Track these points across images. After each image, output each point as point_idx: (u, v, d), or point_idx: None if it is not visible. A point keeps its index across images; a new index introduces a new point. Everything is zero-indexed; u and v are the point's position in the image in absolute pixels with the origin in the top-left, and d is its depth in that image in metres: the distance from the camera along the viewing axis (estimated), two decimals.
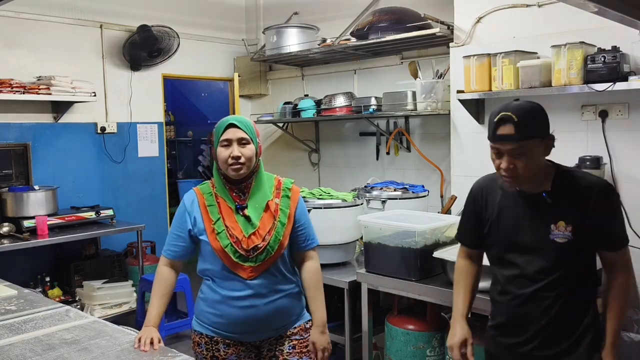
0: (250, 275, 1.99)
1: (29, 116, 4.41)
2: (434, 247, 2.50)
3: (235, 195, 2.04)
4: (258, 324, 2.04)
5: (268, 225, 2.01)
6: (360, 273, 2.71)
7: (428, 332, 2.62)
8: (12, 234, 3.89)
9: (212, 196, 2.06)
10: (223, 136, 1.99)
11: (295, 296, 2.13)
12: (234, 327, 2.04)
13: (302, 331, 2.14)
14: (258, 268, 2.00)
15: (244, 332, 2.05)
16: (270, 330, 2.08)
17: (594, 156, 3.05)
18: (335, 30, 4.65)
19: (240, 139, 1.99)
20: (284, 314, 2.09)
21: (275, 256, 2.02)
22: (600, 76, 2.88)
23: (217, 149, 2.01)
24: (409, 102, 4.12)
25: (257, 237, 1.99)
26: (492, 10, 3.56)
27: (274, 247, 2.01)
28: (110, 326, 2.02)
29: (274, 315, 2.05)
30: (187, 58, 5.34)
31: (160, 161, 5.31)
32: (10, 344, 1.80)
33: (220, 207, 2.03)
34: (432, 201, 4.11)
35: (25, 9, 4.36)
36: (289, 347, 2.10)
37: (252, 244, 1.98)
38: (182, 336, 4.45)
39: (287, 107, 5.02)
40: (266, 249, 1.99)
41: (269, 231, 2.01)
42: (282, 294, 2.06)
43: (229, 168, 1.99)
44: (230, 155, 1.97)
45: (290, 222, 2.07)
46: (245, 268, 1.99)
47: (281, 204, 2.07)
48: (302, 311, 2.18)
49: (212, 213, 2.03)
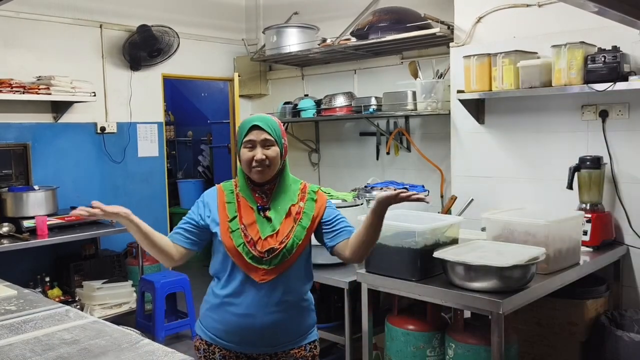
0: (262, 278, 1.90)
1: (28, 116, 4.41)
2: (434, 247, 2.50)
3: (258, 196, 1.98)
4: (254, 334, 1.94)
5: (287, 229, 1.93)
6: (360, 273, 2.71)
7: (428, 332, 2.62)
8: (12, 234, 3.89)
9: (233, 194, 2.00)
10: (247, 137, 1.93)
11: (302, 311, 2.01)
12: (230, 335, 1.96)
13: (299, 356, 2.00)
14: (272, 271, 1.91)
15: (239, 342, 1.96)
16: (266, 346, 1.96)
17: (594, 156, 3.05)
18: (335, 30, 4.65)
19: (264, 141, 1.92)
20: (284, 329, 1.96)
21: (292, 260, 1.93)
22: (601, 76, 2.88)
23: (240, 149, 1.96)
24: (409, 102, 4.12)
25: (274, 240, 1.91)
26: (492, 10, 3.56)
27: (292, 250, 1.92)
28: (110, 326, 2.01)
29: (271, 328, 1.93)
30: (187, 58, 5.34)
31: (160, 161, 5.30)
32: (10, 344, 1.79)
33: (240, 206, 1.97)
34: (432, 201, 4.11)
35: (25, 9, 4.36)
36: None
37: (268, 245, 1.90)
38: (182, 336, 4.45)
39: (287, 107, 5.01)
40: (282, 253, 1.91)
41: (288, 235, 1.92)
42: (285, 306, 1.94)
43: (253, 170, 1.93)
44: (253, 157, 1.91)
45: (314, 225, 1.97)
46: (258, 270, 1.90)
47: (305, 208, 1.99)
48: (308, 331, 2.05)
49: (229, 210, 1.96)
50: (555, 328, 2.95)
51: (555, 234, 2.58)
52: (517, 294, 2.29)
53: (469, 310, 2.42)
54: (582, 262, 2.79)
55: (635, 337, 2.71)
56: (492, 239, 2.75)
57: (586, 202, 3.07)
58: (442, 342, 2.61)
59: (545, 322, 2.99)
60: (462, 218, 2.79)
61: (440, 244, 2.56)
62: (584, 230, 2.94)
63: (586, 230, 2.96)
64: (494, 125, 3.60)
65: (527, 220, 2.65)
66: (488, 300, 2.23)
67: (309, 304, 2.05)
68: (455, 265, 2.34)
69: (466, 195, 3.55)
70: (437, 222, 2.62)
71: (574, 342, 2.91)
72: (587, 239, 2.96)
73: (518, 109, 3.48)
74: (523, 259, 2.29)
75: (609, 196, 3.14)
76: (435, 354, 2.62)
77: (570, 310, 2.91)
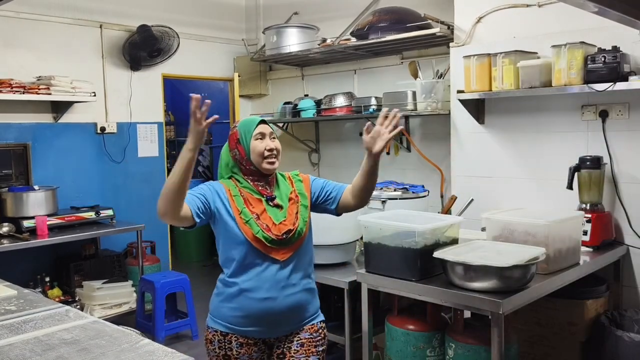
0: (284, 256, 2.07)
1: (28, 116, 4.41)
2: (434, 247, 2.49)
3: (262, 189, 2.14)
4: (275, 318, 2.07)
5: (294, 211, 2.13)
6: (360, 273, 2.71)
7: (428, 332, 2.62)
8: (12, 234, 3.89)
9: (237, 189, 2.13)
10: (256, 130, 2.12)
11: (311, 292, 2.19)
12: (251, 320, 2.06)
13: (313, 331, 2.17)
14: (291, 249, 2.09)
15: (260, 327, 2.08)
16: (285, 326, 2.12)
17: (594, 156, 3.05)
18: (335, 30, 4.65)
19: (271, 134, 2.16)
20: (300, 309, 2.13)
21: (304, 236, 2.13)
22: (601, 76, 2.88)
23: (249, 143, 2.11)
24: (409, 102, 4.12)
25: (288, 222, 2.09)
26: (492, 10, 3.56)
27: (304, 228, 2.13)
28: (110, 326, 2.01)
29: (291, 309, 2.09)
30: (187, 58, 5.34)
31: (160, 161, 5.30)
32: (9, 344, 1.79)
33: (247, 199, 2.10)
34: (432, 201, 4.11)
35: (25, 9, 4.36)
36: (296, 345, 2.13)
37: (285, 228, 2.07)
38: (182, 336, 4.46)
39: (287, 107, 5.02)
40: (297, 231, 2.09)
41: (296, 216, 2.12)
42: (300, 288, 2.12)
43: (265, 161, 2.11)
44: (265, 147, 2.10)
45: (309, 200, 2.21)
46: (279, 251, 2.06)
47: (297, 189, 2.21)
48: (316, 311, 2.23)
49: (237, 203, 2.09)
50: (555, 328, 2.95)
51: (555, 234, 2.58)
52: (517, 294, 2.29)
53: (469, 310, 2.42)
54: (582, 262, 2.79)
55: (635, 337, 2.71)
56: (492, 239, 2.75)
57: (586, 202, 3.07)
58: (442, 342, 2.61)
59: (545, 322, 2.99)
60: (462, 218, 2.79)
61: (440, 244, 2.56)
62: (584, 230, 2.93)
63: (586, 230, 2.95)
64: (494, 125, 3.60)
65: (527, 220, 2.65)
66: (488, 300, 2.23)
67: (314, 284, 2.24)
68: (455, 265, 2.34)
69: (466, 195, 3.55)
70: (437, 222, 2.61)
71: (574, 342, 2.91)
72: (587, 239, 2.95)
73: (518, 109, 3.48)
74: (523, 259, 2.29)
75: (609, 196, 3.14)
76: (435, 354, 2.62)
77: (570, 310, 2.91)
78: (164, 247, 5.30)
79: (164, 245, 5.28)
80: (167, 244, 5.37)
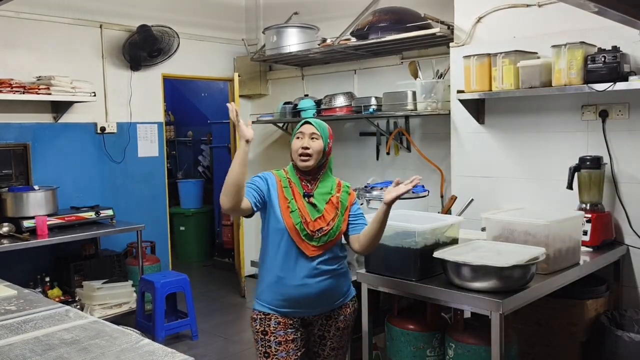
0: (313, 252, 2.26)
1: (28, 116, 4.41)
2: (434, 247, 2.49)
3: (305, 184, 2.34)
4: (309, 301, 2.30)
5: (332, 214, 2.31)
6: (360, 273, 2.71)
7: (428, 333, 2.62)
8: (12, 234, 3.89)
9: (287, 180, 2.34)
10: (299, 130, 2.33)
11: (343, 275, 2.39)
12: (290, 303, 2.30)
13: (347, 313, 2.42)
14: (320, 247, 2.27)
15: (297, 308, 2.31)
16: (320, 307, 2.34)
17: (594, 156, 3.05)
18: (335, 30, 4.65)
19: (312, 134, 2.30)
20: (333, 291, 2.34)
21: (335, 240, 2.31)
22: (601, 76, 2.88)
23: (292, 142, 2.35)
24: (409, 102, 4.12)
25: (323, 221, 2.27)
26: (492, 10, 3.56)
27: (336, 232, 2.30)
28: (110, 326, 2.01)
29: (323, 293, 2.30)
30: (187, 58, 5.34)
31: (160, 161, 5.30)
32: (10, 344, 1.80)
33: (293, 191, 2.31)
34: (432, 201, 4.11)
35: (25, 9, 4.36)
36: (334, 330, 2.39)
37: (318, 226, 2.26)
38: (182, 336, 4.45)
39: (287, 107, 5.02)
40: (329, 233, 2.27)
41: (333, 218, 2.30)
42: (331, 275, 2.32)
43: (299, 158, 2.30)
44: (300, 145, 2.29)
45: (347, 213, 2.36)
46: (309, 246, 2.25)
47: (341, 198, 2.36)
48: (349, 288, 2.45)
49: (287, 193, 2.30)
50: (555, 328, 2.95)
51: (555, 234, 2.58)
52: (517, 294, 2.29)
53: (469, 310, 2.42)
54: (582, 262, 2.79)
55: (635, 337, 2.71)
56: (492, 239, 2.75)
57: (586, 202, 3.07)
58: (442, 342, 2.61)
59: (545, 322, 2.99)
60: (462, 218, 2.79)
61: (440, 244, 2.56)
62: (584, 230, 2.93)
63: (586, 230, 2.95)
64: (494, 125, 3.60)
65: (527, 220, 2.65)
66: (488, 300, 2.23)
67: (346, 268, 2.44)
68: (455, 265, 2.34)
69: (466, 195, 3.55)
70: (437, 222, 2.61)
71: (574, 342, 2.91)
72: (587, 239, 2.96)
73: (518, 109, 3.48)
74: (523, 259, 2.29)
75: (609, 196, 3.14)
76: (435, 354, 2.62)
77: (570, 310, 2.91)
78: (164, 247, 5.30)
79: (164, 245, 5.28)
80: (167, 244, 5.37)
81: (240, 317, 4.95)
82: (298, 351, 2.32)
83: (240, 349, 4.19)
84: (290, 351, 2.30)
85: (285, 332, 2.30)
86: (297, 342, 2.32)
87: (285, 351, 2.29)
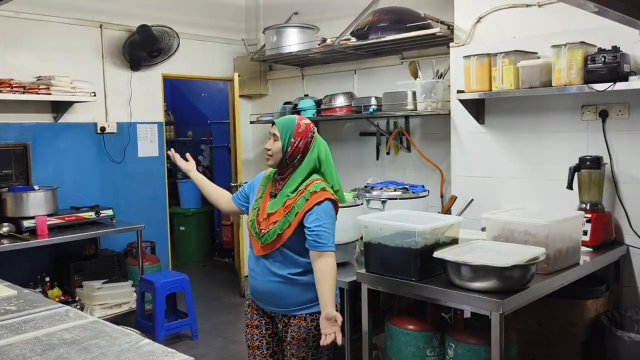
0: (258, 251, 2.33)
1: (28, 116, 4.41)
2: (434, 247, 2.49)
3: (275, 184, 2.40)
4: (261, 295, 2.38)
5: (278, 216, 2.28)
6: (360, 273, 2.71)
7: (428, 332, 2.62)
8: (12, 234, 3.89)
9: (268, 178, 2.45)
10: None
11: (297, 284, 2.31)
12: (251, 291, 2.43)
13: (301, 325, 2.32)
14: (264, 248, 2.31)
15: (256, 297, 2.42)
16: (271, 305, 2.37)
17: (594, 156, 3.05)
18: (335, 30, 4.65)
19: (274, 135, 2.33)
20: (281, 296, 2.33)
21: (274, 244, 2.28)
22: (601, 76, 2.88)
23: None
24: (409, 102, 4.12)
25: (266, 223, 2.30)
26: (492, 10, 3.56)
27: (272, 236, 2.28)
28: (110, 326, 2.02)
29: (269, 293, 2.34)
30: (187, 58, 5.34)
31: (160, 161, 5.30)
32: (10, 344, 1.80)
33: (268, 189, 2.40)
34: (432, 201, 4.11)
35: (25, 9, 4.36)
36: (290, 337, 2.35)
37: (264, 225, 2.31)
38: (182, 336, 4.46)
39: (287, 107, 5.01)
40: (268, 234, 2.29)
41: (276, 221, 2.28)
42: (278, 279, 2.31)
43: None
44: (265, 146, 2.38)
45: (297, 221, 2.25)
46: (257, 244, 2.33)
47: (296, 203, 2.27)
48: (308, 302, 2.33)
49: (261, 191, 2.42)
50: (555, 328, 2.95)
51: (555, 234, 2.58)
52: (517, 294, 2.29)
53: (469, 310, 2.42)
54: (582, 262, 2.79)
55: (635, 337, 2.71)
56: (492, 239, 2.75)
57: (586, 202, 3.07)
58: (442, 342, 2.61)
59: (545, 322, 2.99)
60: (462, 218, 2.79)
61: (440, 244, 2.56)
62: (584, 230, 2.93)
63: (586, 230, 2.95)
64: (494, 125, 3.60)
65: (527, 220, 2.65)
66: (488, 300, 2.23)
67: (301, 283, 2.32)
68: (455, 265, 2.34)
69: (466, 195, 3.55)
70: (437, 222, 2.61)
71: (574, 342, 2.91)
72: (587, 239, 2.95)
73: (518, 109, 3.48)
74: (523, 259, 2.29)
75: (609, 196, 3.14)
76: (435, 354, 2.62)
77: (570, 310, 2.91)
78: (164, 247, 5.30)
79: (164, 245, 5.29)
80: (167, 244, 5.37)
81: (240, 317, 4.94)
82: (262, 339, 2.42)
83: (240, 349, 4.18)
84: (254, 336, 2.43)
85: (252, 316, 2.45)
86: (261, 330, 2.42)
87: (250, 334, 2.44)
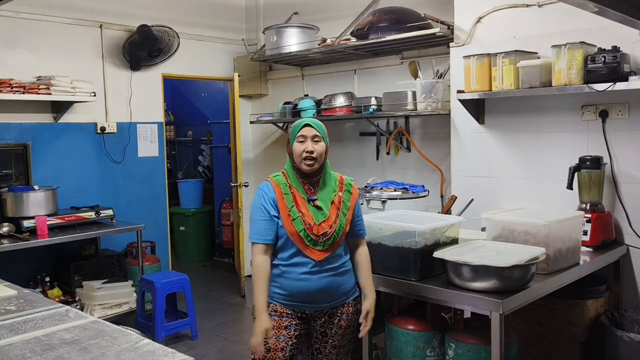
0: (319, 256, 2.28)
1: (28, 116, 4.41)
2: (434, 247, 2.50)
3: (307, 188, 2.34)
4: (310, 296, 2.31)
5: (334, 216, 2.31)
6: None
7: (428, 332, 2.62)
8: (12, 234, 3.89)
9: (287, 186, 2.33)
10: (299, 133, 2.31)
11: (344, 273, 2.37)
12: (289, 296, 2.32)
13: (349, 312, 2.40)
14: (326, 250, 2.29)
15: (297, 301, 2.33)
16: (321, 303, 2.34)
17: (594, 156, 3.05)
18: (335, 30, 4.65)
19: (314, 136, 2.29)
20: (333, 289, 2.33)
21: (340, 241, 2.32)
22: (601, 76, 2.88)
23: (292, 145, 2.32)
24: (409, 102, 4.12)
25: (326, 225, 2.28)
26: (492, 10, 3.56)
27: (339, 234, 2.31)
28: (110, 326, 2.01)
29: (323, 289, 2.31)
30: (187, 58, 5.34)
31: (160, 161, 5.30)
32: (10, 344, 1.80)
33: (295, 197, 2.31)
34: (432, 201, 4.11)
35: (25, 9, 4.36)
36: (337, 327, 2.39)
37: (322, 230, 2.27)
38: (182, 336, 4.45)
39: (287, 107, 5.02)
40: (333, 235, 2.28)
41: (335, 220, 2.30)
42: (332, 272, 2.32)
43: (303, 162, 2.29)
44: (304, 149, 2.28)
45: (350, 214, 2.35)
46: (314, 251, 2.27)
47: (344, 198, 2.36)
48: (352, 288, 2.42)
49: (287, 201, 2.30)
50: (555, 328, 2.95)
51: (555, 234, 2.58)
52: (517, 294, 2.29)
53: (469, 310, 2.42)
54: (582, 262, 2.79)
55: (635, 337, 2.71)
56: (492, 239, 2.75)
57: (586, 202, 3.07)
58: (442, 342, 2.61)
59: (545, 322, 2.99)
60: (462, 218, 2.79)
61: (440, 244, 2.56)
62: (584, 230, 2.94)
63: (586, 230, 2.96)
64: (494, 125, 3.60)
65: (527, 220, 2.65)
66: (488, 300, 2.24)
67: (348, 267, 2.41)
68: (455, 265, 2.34)
69: (466, 195, 3.55)
70: (437, 222, 2.62)
71: (574, 342, 2.91)
72: (587, 239, 2.96)
73: (518, 109, 3.48)
74: (523, 259, 2.29)
75: (609, 196, 3.14)
76: (435, 354, 2.62)
77: (570, 310, 2.91)
78: (164, 247, 5.30)
79: (164, 245, 5.28)
80: (167, 244, 5.37)
81: (240, 317, 4.94)
82: (289, 340, 2.34)
83: (240, 349, 4.18)
84: (281, 337, 2.33)
85: (280, 318, 2.34)
86: (290, 331, 2.34)
87: (276, 336, 2.32)
